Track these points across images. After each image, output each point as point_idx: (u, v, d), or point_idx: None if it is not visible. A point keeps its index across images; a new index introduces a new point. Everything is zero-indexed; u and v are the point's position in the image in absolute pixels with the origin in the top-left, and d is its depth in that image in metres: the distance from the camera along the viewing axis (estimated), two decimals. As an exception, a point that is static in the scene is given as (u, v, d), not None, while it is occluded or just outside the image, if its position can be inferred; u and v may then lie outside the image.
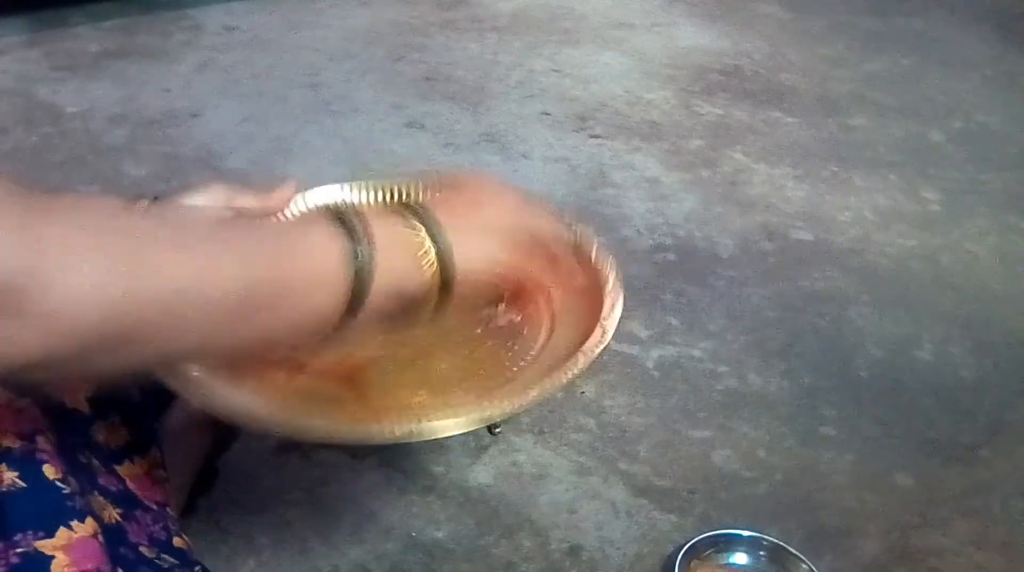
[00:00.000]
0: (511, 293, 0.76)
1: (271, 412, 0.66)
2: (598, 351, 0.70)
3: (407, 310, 0.61)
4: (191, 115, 1.69)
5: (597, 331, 0.72)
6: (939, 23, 2.32)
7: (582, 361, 0.69)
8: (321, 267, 0.54)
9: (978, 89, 1.97)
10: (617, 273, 0.78)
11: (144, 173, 1.50)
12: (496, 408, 0.67)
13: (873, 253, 1.40)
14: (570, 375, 0.68)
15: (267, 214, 0.73)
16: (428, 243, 0.59)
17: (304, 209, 0.80)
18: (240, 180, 0.75)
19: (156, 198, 0.70)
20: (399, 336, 0.74)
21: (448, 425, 0.65)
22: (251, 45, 1.98)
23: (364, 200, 0.85)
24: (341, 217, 0.56)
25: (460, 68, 1.95)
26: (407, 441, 0.66)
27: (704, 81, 1.93)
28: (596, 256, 0.80)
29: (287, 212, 0.78)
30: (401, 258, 0.58)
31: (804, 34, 2.21)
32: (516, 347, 0.77)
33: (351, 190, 0.86)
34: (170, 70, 1.86)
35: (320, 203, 0.82)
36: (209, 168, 1.54)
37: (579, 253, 0.78)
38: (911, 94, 1.93)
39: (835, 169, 1.62)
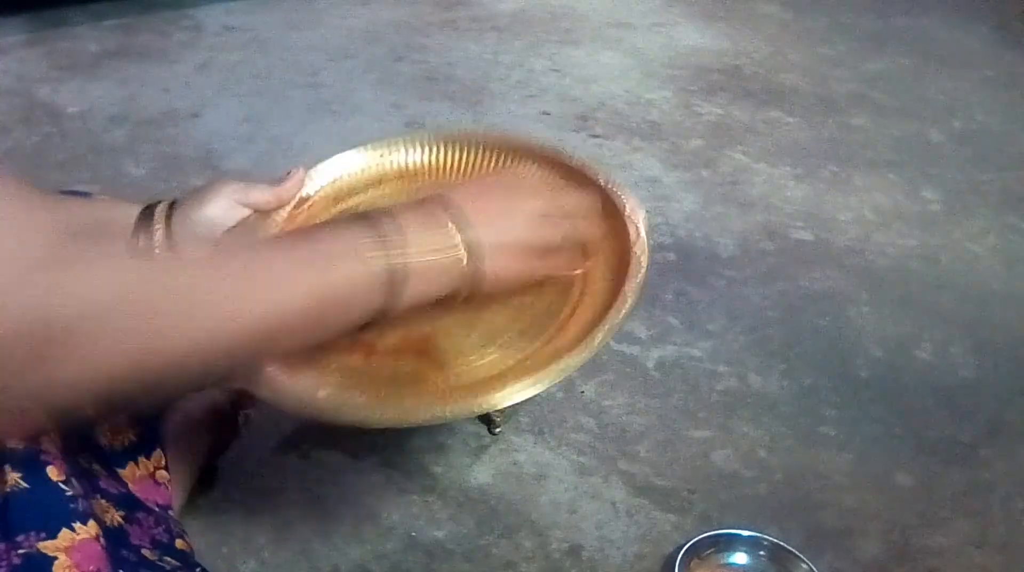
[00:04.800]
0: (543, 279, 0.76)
1: (378, 411, 0.68)
2: (642, 274, 0.72)
3: (440, 301, 0.64)
4: (191, 115, 1.69)
5: (634, 253, 0.73)
6: (939, 23, 2.32)
7: (632, 291, 0.70)
8: (359, 283, 0.58)
9: (978, 89, 1.97)
10: (631, 197, 0.79)
11: (144, 173, 1.50)
12: (572, 360, 0.67)
13: (873, 253, 1.40)
14: (626, 307, 0.69)
15: (280, 205, 0.78)
16: (461, 250, 0.62)
17: (339, 214, 0.82)
18: (244, 175, 0.77)
19: (174, 203, 0.72)
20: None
21: (530, 383, 0.66)
22: (251, 45, 1.99)
23: (386, 194, 0.86)
24: (375, 225, 0.59)
25: (460, 68, 1.95)
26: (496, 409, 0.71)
27: (704, 81, 1.93)
28: (605, 182, 0.81)
29: (307, 204, 0.82)
30: (433, 265, 0.61)
31: (804, 34, 2.21)
32: (558, 288, 0.77)
33: (354, 155, 0.88)
34: (170, 70, 1.86)
35: (355, 207, 0.84)
36: (209, 168, 1.54)
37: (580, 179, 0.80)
38: (911, 94, 1.93)
39: (835, 169, 1.62)
